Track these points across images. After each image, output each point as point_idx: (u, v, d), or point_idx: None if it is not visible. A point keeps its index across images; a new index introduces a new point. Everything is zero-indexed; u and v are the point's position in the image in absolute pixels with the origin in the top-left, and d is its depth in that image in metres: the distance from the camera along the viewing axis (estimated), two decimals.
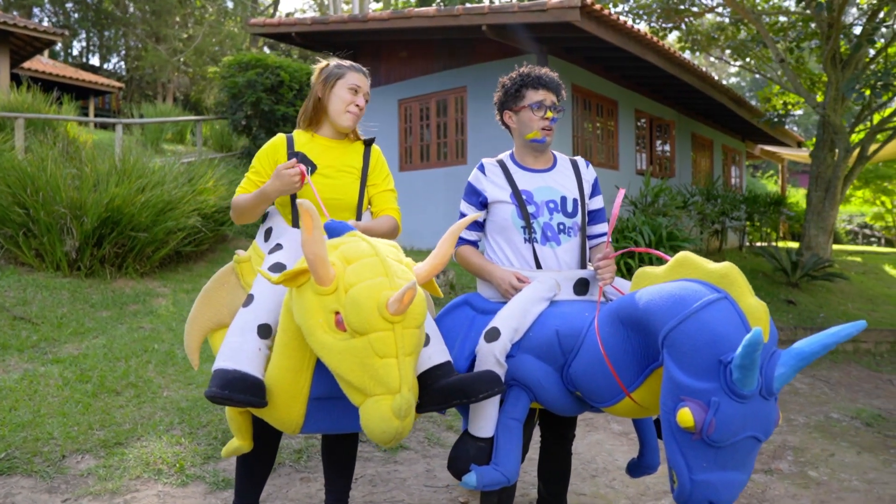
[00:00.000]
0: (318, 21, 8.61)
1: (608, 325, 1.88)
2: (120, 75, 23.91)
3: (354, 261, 1.62)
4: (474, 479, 1.93)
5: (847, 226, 22.48)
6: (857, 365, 6.91)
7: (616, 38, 6.97)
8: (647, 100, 10.29)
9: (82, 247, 5.32)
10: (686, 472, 1.58)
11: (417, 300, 1.58)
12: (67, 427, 3.12)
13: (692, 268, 1.76)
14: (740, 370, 1.47)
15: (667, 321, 1.64)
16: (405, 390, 1.54)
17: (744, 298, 1.64)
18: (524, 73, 2.30)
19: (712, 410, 1.51)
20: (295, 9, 33.99)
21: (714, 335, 1.56)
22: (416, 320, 1.57)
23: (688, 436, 1.56)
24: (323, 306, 1.60)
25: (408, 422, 1.56)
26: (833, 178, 9.63)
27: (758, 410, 1.53)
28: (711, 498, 1.56)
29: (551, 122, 2.25)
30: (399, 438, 1.58)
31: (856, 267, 12.34)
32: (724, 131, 13.68)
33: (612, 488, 3.13)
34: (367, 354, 1.54)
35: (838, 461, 3.90)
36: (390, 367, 1.54)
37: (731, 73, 33.92)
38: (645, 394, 1.82)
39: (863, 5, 10.68)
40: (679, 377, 1.58)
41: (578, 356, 1.94)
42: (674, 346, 1.61)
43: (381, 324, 1.53)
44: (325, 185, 2.17)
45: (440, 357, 1.91)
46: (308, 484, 2.85)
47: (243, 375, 1.75)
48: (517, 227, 2.23)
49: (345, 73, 2.24)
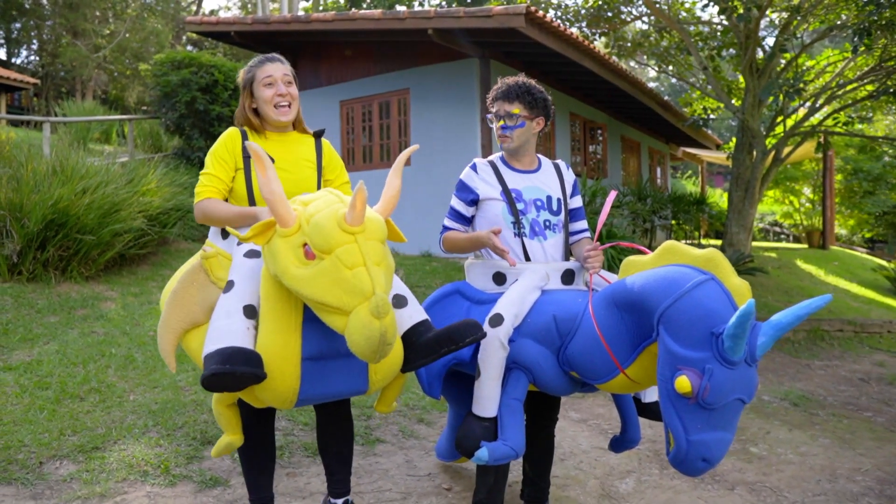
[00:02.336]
0: (258, 21, 8.51)
1: (603, 309, 2.08)
2: (33, 71, 22.56)
3: (311, 201, 1.78)
4: (486, 453, 2.09)
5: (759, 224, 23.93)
6: (780, 352, 7.47)
7: (556, 45, 7.26)
8: (580, 103, 10.71)
9: (24, 250, 5.10)
10: (683, 433, 1.79)
11: (373, 217, 1.73)
12: (37, 434, 3.04)
13: (679, 254, 2.00)
14: (732, 339, 1.69)
15: (662, 300, 1.85)
16: (379, 291, 1.63)
17: (728, 279, 1.88)
18: (496, 86, 2.49)
19: (707, 377, 1.72)
20: (219, 6, 33.02)
21: (706, 311, 1.78)
22: (376, 233, 1.71)
23: (685, 401, 1.77)
24: (291, 246, 1.72)
25: (388, 320, 1.61)
26: (752, 179, 10.31)
27: (744, 375, 1.76)
28: (705, 455, 1.77)
29: (503, 130, 2.43)
30: (384, 343, 1.62)
31: (772, 262, 13.23)
32: (651, 134, 14.37)
33: (581, 469, 3.33)
34: (337, 270, 1.64)
35: (774, 438, 4.27)
36: (361, 275, 1.64)
37: (651, 79, 35.44)
38: (637, 369, 2.02)
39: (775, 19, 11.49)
40: (676, 349, 1.79)
41: (575, 338, 2.13)
42: (670, 322, 1.82)
43: (344, 237, 1.65)
44: (285, 180, 2.20)
45: (419, 316, 2.06)
46: (295, 479, 2.90)
47: (240, 349, 1.79)
48: (507, 223, 2.39)
49: (254, 73, 2.27)
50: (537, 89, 2.46)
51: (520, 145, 2.45)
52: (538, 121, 2.47)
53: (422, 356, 1.96)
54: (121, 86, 22.31)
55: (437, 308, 2.44)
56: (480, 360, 2.19)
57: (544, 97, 2.47)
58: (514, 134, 2.42)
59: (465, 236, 2.45)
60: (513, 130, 2.42)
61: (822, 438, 4.34)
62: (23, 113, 18.23)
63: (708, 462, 1.79)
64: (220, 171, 2.22)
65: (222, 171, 2.22)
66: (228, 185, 2.25)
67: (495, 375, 2.18)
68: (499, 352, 2.15)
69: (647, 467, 3.49)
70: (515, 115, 2.41)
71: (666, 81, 34.85)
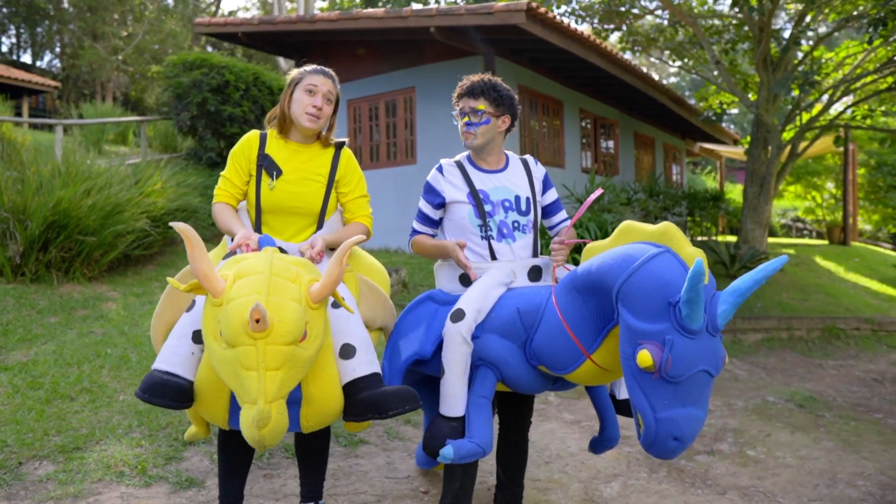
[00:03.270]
0: (265, 21, 8.55)
1: (565, 296, 2.05)
2: (55, 73, 23.00)
3: (243, 276, 1.73)
4: (451, 451, 2.06)
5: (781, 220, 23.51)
6: (792, 351, 7.32)
7: (560, 41, 7.18)
8: (591, 100, 10.59)
9: (27, 252, 5.18)
10: (650, 411, 1.74)
11: (286, 320, 1.66)
12: (21, 434, 3.07)
13: (634, 232, 1.97)
14: (687, 305, 1.65)
15: (618, 276, 1.83)
16: (262, 402, 1.63)
17: (683, 249, 1.85)
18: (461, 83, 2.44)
19: (667, 348, 1.69)
20: (238, 7, 33.36)
21: (662, 281, 1.75)
22: (281, 338, 1.65)
23: (648, 376, 1.73)
24: (213, 316, 1.71)
25: (266, 432, 1.64)
26: (767, 175, 10.12)
27: (706, 345, 1.72)
28: (675, 433, 1.72)
29: (466, 127, 2.38)
30: (263, 445, 1.68)
31: (790, 258, 12.99)
32: (665, 130, 14.17)
33: (566, 473, 3.28)
34: (236, 365, 1.65)
35: (774, 440, 4.17)
36: (251, 380, 1.64)
37: (672, 73, 34.99)
38: (605, 354, 1.98)
39: (790, 10, 11.24)
40: (635, 324, 1.76)
41: (539, 328, 2.09)
42: (627, 297, 1.79)
43: (245, 339, 1.63)
44: (287, 193, 2.26)
45: (365, 369, 2.00)
46: (272, 480, 2.90)
47: (166, 380, 1.84)
48: (474, 226, 2.36)
49: (303, 77, 2.32)
50: (503, 87, 2.42)
51: (485, 143, 2.40)
52: (504, 119, 2.42)
53: (352, 413, 1.96)
54: (140, 87, 22.66)
55: (410, 316, 2.42)
56: (444, 357, 2.16)
57: (510, 95, 2.43)
58: (479, 131, 2.38)
59: (431, 243, 2.42)
60: (477, 127, 2.37)
61: (826, 441, 4.22)
62: (46, 115, 18.57)
63: (679, 441, 1.74)
64: (235, 176, 2.30)
65: (236, 176, 2.30)
66: (243, 189, 2.32)
67: (459, 372, 2.14)
68: (461, 347, 2.12)
69: (636, 470, 3.43)
70: (480, 111, 2.37)
71: (687, 77, 34.38)
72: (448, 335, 2.14)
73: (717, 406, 4.86)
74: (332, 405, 1.95)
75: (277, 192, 2.24)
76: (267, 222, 2.27)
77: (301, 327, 1.69)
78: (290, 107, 2.30)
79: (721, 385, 5.50)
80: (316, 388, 1.92)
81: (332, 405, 1.96)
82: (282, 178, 2.24)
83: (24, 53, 26.42)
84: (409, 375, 2.42)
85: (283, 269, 1.78)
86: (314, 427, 2.00)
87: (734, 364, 6.38)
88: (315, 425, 1.99)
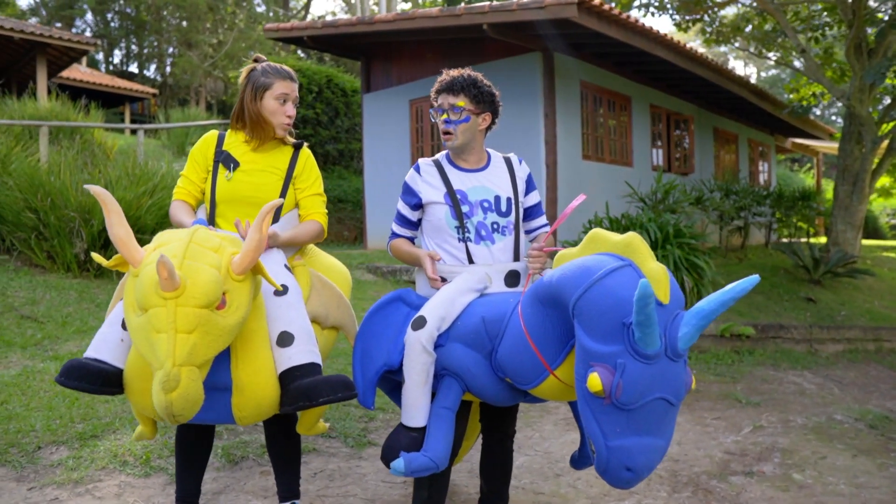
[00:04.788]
0: (328, 24, 8.74)
1: (530, 307, 1.93)
2: (156, 81, 24.62)
3: (163, 245, 1.71)
4: (402, 464, 1.97)
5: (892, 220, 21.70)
6: (878, 365, 6.70)
7: (620, 34, 6.90)
8: (663, 95, 10.13)
9: (90, 249, 5.53)
10: (602, 438, 1.62)
11: (198, 282, 1.63)
12: (50, 420, 3.26)
13: (601, 242, 1.83)
14: (639, 328, 1.51)
15: (574, 291, 1.70)
16: (168, 364, 1.59)
17: (645, 264, 1.69)
18: (440, 78, 2.34)
19: (619, 372, 1.56)
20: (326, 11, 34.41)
21: (617, 299, 1.61)
22: (194, 300, 1.62)
23: (599, 401, 1.61)
24: (132, 287, 1.69)
25: (174, 396, 1.60)
26: (861, 172, 9.32)
27: (665, 371, 1.58)
28: (628, 463, 1.59)
29: (446, 124, 2.28)
30: (173, 414, 1.62)
31: (889, 263, 11.90)
32: (751, 125, 13.35)
33: (574, 487, 3.12)
34: (149, 329, 1.62)
35: (829, 464, 3.79)
36: (162, 342, 1.60)
37: (770, 66, 32.99)
38: (568, 370, 1.85)
39: None
40: (587, 343, 1.63)
41: (503, 339, 1.98)
42: (581, 314, 1.66)
43: (156, 300, 1.61)
44: (244, 183, 2.26)
45: (302, 358, 1.95)
46: (267, 478, 2.92)
47: (85, 364, 1.84)
48: (451, 228, 2.27)
49: (272, 83, 2.27)
50: (484, 83, 2.32)
51: (464, 143, 2.31)
52: (484, 116, 2.32)
53: (285, 403, 1.91)
54: (233, 92, 23.86)
55: (378, 316, 2.34)
56: (404, 365, 2.09)
57: (491, 91, 2.33)
58: (458, 129, 2.28)
59: (406, 249, 2.36)
60: (457, 126, 2.28)
61: (894, 468, 3.80)
62: (145, 121, 19.91)
63: (632, 472, 1.60)
64: (193, 174, 2.34)
65: (194, 174, 2.33)
66: (200, 186, 2.34)
67: (420, 382, 2.06)
68: (421, 356, 2.04)
69: (655, 489, 3.21)
70: (460, 107, 2.27)
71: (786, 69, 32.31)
72: (408, 343, 2.06)
73: (770, 422, 4.49)
74: (265, 394, 1.92)
75: (234, 182, 2.24)
76: (222, 213, 2.26)
77: (216, 292, 1.66)
78: (264, 114, 2.27)
79: (782, 399, 5.09)
80: (247, 374, 1.89)
81: (266, 394, 1.92)
82: (239, 170, 2.25)
83: (133, 64, 28.50)
84: (385, 382, 2.36)
85: (205, 238, 1.78)
86: (249, 419, 1.97)
87: (804, 376, 5.90)
88: (250, 416, 1.95)
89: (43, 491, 2.64)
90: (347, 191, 12.19)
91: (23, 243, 5.62)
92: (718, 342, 6.34)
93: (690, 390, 1.69)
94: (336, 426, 3.57)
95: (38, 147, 7.67)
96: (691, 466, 3.53)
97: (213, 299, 1.65)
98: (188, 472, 2.28)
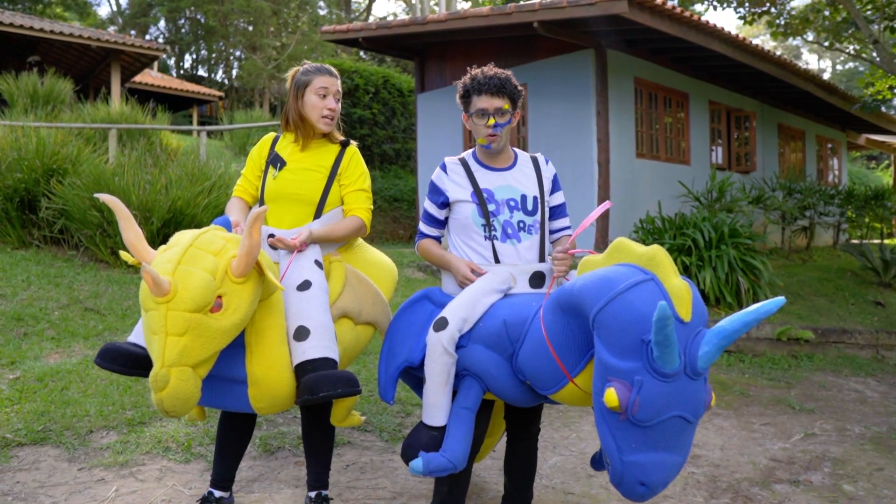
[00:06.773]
0: (382, 26, 8.87)
1: (551, 313, 1.93)
2: (223, 84, 25.53)
3: (171, 247, 1.79)
4: (421, 464, 2.00)
5: None
6: None
7: (673, 28, 6.72)
8: (722, 90, 9.81)
9: (151, 245, 5.79)
10: (617, 453, 1.62)
11: (188, 287, 1.69)
12: (103, 406, 3.45)
13: (625, 252, 1.80)
14: (658, 347, 1.50)
15: (595, 303, 1.68)
16: (157, 365, 1.67)
17: (669, 279, 1.66)
18: (473, 76, 2.34)
19: (636, 389, 1.55)
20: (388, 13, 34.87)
21: (638, 315, 1.59)
22: (183, 304, 1.68)
23: (615, 416, 1.60)
24: None
25: (164, 395, 1.68)
26: None
27: (683, 390, 1.56)
28: (642, 479, 1.59)
29: (495, 129, 2.25)
30: (165, 410, 1.71)
31: None
32: (819, 121, 12.75)
33: (606, 489, 3.07)
34: (147, 329, 1.71)
35: (884, 476, 3.60)
36: (155, 343, 1.68)
37: (846, 59, 31.41)
38: (588, 378, 1.84)
39: None
40: (606, 358, 1.62)
41: (524, 344, 1.98)
42: (601, 328, 1.65)
43: (151, 303, 1.70)
44: (288, 181, 2.36)
45: (315, 353, 2.00)
46: (300, 468, 3.00)
47: (119, 346, 1.94)
48: (478, 226, 2.28)
49: (311, 79, 2.39)
50: (513, 79, 2.33)
51: (506, 143, 2.33)
52: (516, 114, 2.34)
53: (298, 396, 1.98)
54: None
55: (405, 316, 2.39)
56: (425, 365, 2.12)
57: (519, 88, 2.34)
58: (504, 131, 2.29)
59: (437, 253, 2.37)
60: (503, 129, 2.28)
61: None
62: (211, 123, 20.69)
63: (647, 487, 1.59)
64: (249, 173, 2.49)
65: (250, 173, 2.49)
66: (255, 184, 2.48)
67: (440, 382, 2.08)
68: (442, 357, 2.06)
69: (692, 493, 3.13)
70: (506, 111, 2.27)
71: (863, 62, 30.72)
72: (430, 344, 2.08)
73: (823, 430, 4.30)
74: (279, 387, 1.98)
75: (279, 181, 2.36)
76: (271, 211, 2.37)
77: (206, 297, 1.72)
78: (305, 110, 2.37)
79: (839, 406, 4.86)
80: (260, 368, 1.96)
81: (280, 387, 1.98)
82: (285, 169, 2.36)
83: (202, 68, 29.65)
84: (410, 377, 2.39)
85: (209, 241, 1.84)
86: (267, 409, 2.03)
87: (867, 384, 5.61)
88: (267, 407, 2.02)
89: (91, 472, 2.80)
90: (403, 190, 12.33)
91: (89, 240, 5.94)
92: (775, 346, 6.10)
93: (709, 407, 1.66)
94: (372, 420, 3.64)
95: (107, 149, 8.09)
96: (732, 472, 3.42)
97: (203, 304, 1.72)
98: (224, 458, 2.38)
